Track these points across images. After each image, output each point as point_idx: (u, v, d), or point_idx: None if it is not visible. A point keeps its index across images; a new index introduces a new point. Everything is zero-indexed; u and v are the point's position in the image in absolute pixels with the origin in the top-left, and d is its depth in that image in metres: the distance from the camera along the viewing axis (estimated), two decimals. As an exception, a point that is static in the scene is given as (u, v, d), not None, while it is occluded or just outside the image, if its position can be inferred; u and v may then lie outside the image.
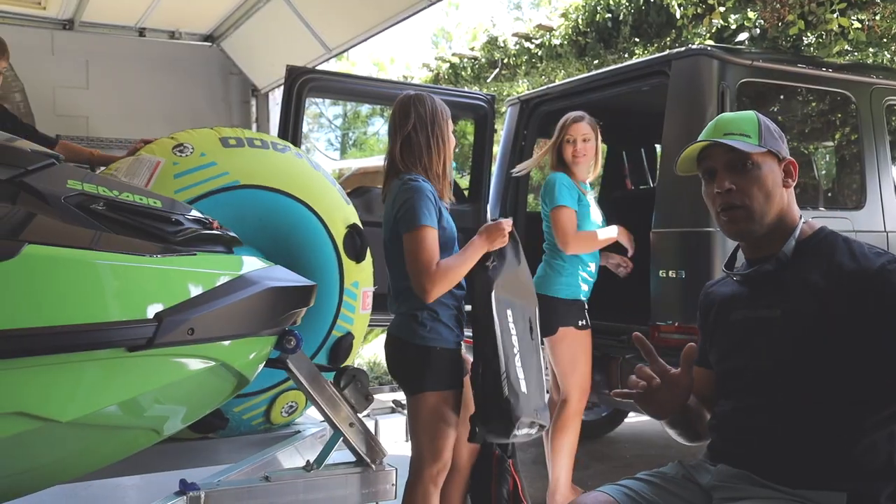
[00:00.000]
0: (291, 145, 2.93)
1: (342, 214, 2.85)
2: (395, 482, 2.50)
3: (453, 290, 2.43)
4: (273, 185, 2.67)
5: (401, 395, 3.93)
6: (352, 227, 2.85)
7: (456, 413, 2.45)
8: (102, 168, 2.65)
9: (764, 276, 1.64)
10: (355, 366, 2.75)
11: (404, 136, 2.44)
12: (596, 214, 3.47)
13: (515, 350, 2.50)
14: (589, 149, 3.41)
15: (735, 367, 1.66)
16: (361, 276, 2.90)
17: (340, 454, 2.49)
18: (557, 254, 3.38)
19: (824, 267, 1.56)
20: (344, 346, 2.85)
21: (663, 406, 1.63)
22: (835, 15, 5.10)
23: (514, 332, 2.53)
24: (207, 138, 2.69)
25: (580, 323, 3.35)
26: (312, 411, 2.88)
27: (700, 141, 1.67)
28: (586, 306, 3.42)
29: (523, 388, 2.47)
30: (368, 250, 2.91)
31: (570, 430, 3.35)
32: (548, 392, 3.34)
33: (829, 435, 1.50)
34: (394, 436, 3.15)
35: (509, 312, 2.54)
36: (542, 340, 3.02)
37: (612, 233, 3.43)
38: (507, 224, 2.50)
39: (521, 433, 2.44)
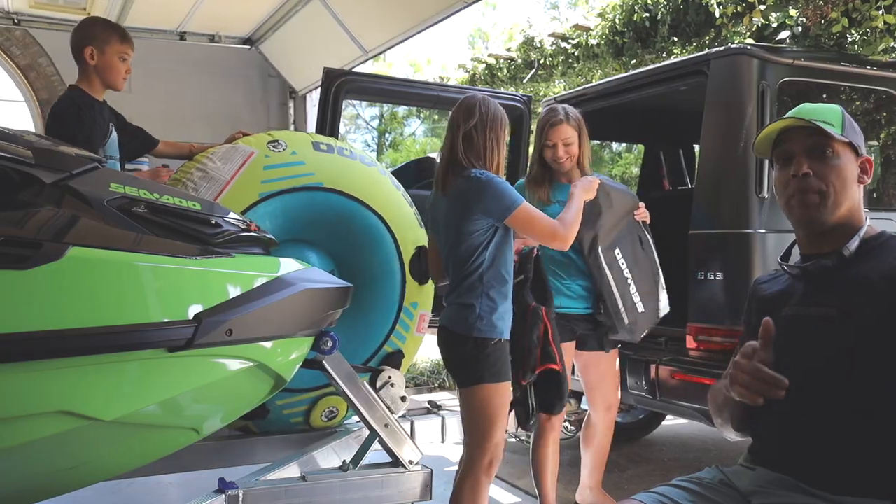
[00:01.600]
0: (378, 162, 3.00)
1: (414, 235, 2.91)
2: (430, 483, 2.50)
3: (508, 281, 2.50)
4: (354, 193, 2.76)
5: (436, 397, 3.92)
6: (420, 249, 2.90)
7: (507, 403, 2.48)
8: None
9: (821, 272, 1.60)
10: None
11: (466, 132, 2.50)
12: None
13: (629, 279, 2.98)
14: (572, 151, 3.06)
15: (782, 365, 1.60)
16: (421, 298, 2.95)
17: (376, 454, 2.51)
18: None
19: (885, 269, 1.51)
20: (393, 362, 2.88)
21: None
22: (880, 12, 4.99)
23: (624, 265, 2.98)
24: (301, 140, 2.82)
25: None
26: (348, 412, 2.90)
27: (786, 118, 1.62)
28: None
29: (640, 309, 3.02)
30: None
31: (594, 442, 3.31)
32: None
33: (878, 440, 1.46)
34: (429, 437, 3.16)
35: (617, 251, 2.97)
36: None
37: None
38: (597, 181, 2.86)
39: (644, 334, 3.08)
